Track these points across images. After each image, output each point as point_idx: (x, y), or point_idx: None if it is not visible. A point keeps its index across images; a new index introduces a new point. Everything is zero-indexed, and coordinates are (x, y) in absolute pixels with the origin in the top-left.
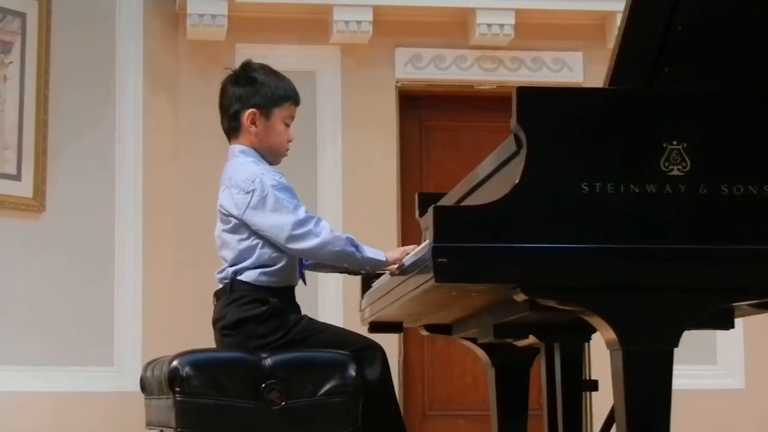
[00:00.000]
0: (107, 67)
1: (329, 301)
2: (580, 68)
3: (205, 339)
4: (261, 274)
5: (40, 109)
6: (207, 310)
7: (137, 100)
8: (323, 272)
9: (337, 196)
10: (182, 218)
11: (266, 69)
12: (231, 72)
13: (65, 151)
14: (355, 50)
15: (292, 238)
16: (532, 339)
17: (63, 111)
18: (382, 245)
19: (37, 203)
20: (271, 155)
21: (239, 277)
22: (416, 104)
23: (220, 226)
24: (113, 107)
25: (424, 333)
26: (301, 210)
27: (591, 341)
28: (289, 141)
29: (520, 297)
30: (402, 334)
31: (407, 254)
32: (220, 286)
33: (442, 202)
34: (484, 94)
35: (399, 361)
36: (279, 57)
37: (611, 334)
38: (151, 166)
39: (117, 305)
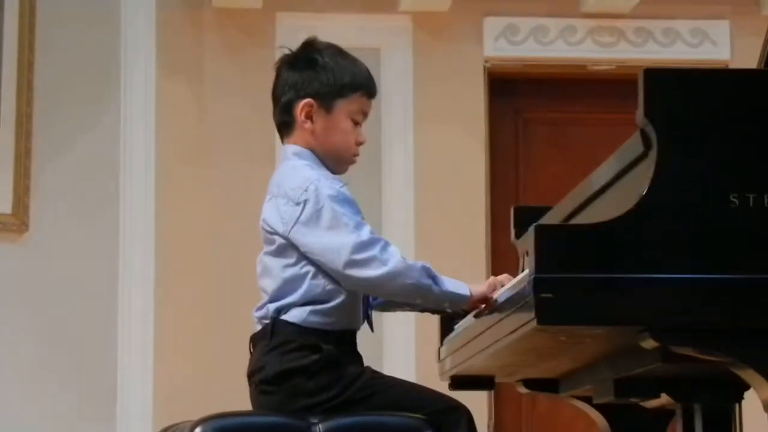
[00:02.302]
0: (109, 45)
1: (398, 348)
2: (727, 42)
3: (238, 398)
4: (312, 312)
5: (22, 98)
6: (241, 359)
7: (148, 88)
8: (391, 311)
9: (407, 212)
10: (207, 240)
11: (334, 50)
12: (288, 52)
13: (55, 154)
14: (431, 21)
15: (351, 264)
16: (664, 399)
17: (52, 101)
18: (467, 276)
19: (17, 221)
20: (332, 159)
21: (283, 317)
22: (511, 90)
23: (264, 247)
24: (117, 96)
25: (523, 390)
26: (365, 230)
27: (743, 401)
28: (359, 143)
29: (650, 344)
30: (493, 391)
31: (498, 288)
32: (259, 327)
33: (546, 219)
34: (600, 77)
35: (489, 427)
36: (333, 30)
37: None
38: (166, 173)
39: (121, 354)
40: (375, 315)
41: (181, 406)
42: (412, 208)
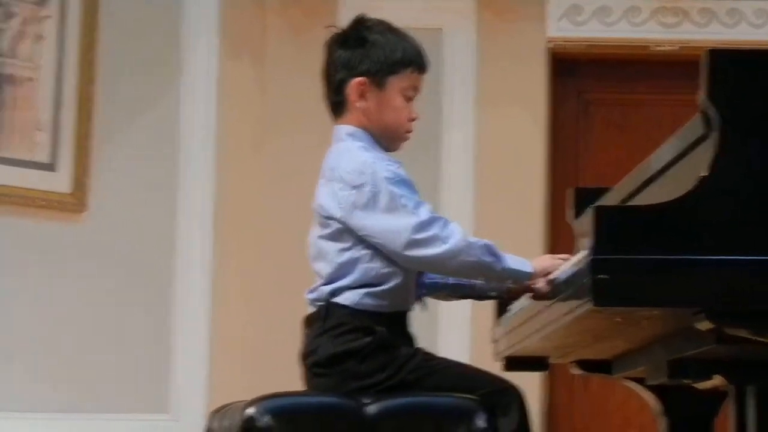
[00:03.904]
0: (171, 25)
1: (453, 329)
2: None
3: (291, 379)
4: (366, 295)
5: (84, 78)
6: (294, 341)
7: (210, 69)
8: (442, 299)
9: (466, 194)
10: (265, 224)
11: (384, 26)
12: (338, 30)
13: (115, 135)
14: (494, 1)
15: (412, 243)
16: (718, 380)
17: (113, 82)
18: (525, 256)
19: (76, 201)
20: (386, 138)
21: (337, 299)
22: (573, 71)
23: (316, 230)
24: (178, 77)
25: (577, 371)
26: (424, 209)
27: None
28: (412, 120)
29: (705, 325)
30: (546, 373)
31: (560, 264)
32: (312, 309)
33: (605, 200)
34: (663, 58)
35: (542, 409)
36: (395, 10)
37: None
38: (226, 155)
39: (176, 335)
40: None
41: (235, 386)
42: (471, 190)
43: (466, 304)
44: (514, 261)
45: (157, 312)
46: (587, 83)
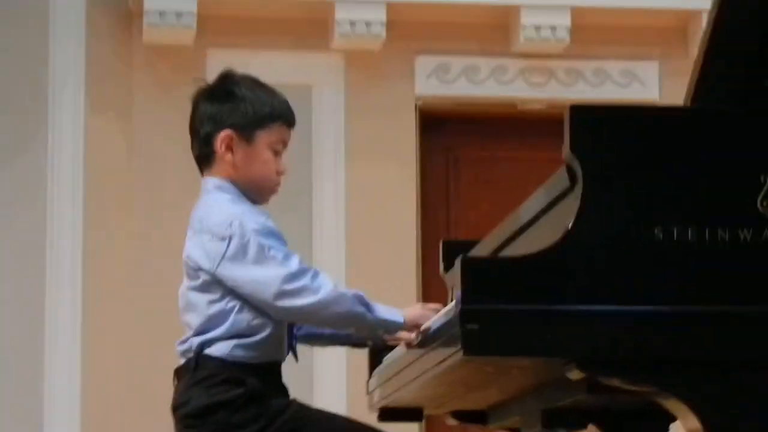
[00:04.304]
0: (37, 79)
1: (329, 381)
2: (655, 82)
3: (161, 429)
4: (236, 347)
5: None
6: (165, 393)
7: (77, 124)
8: (318, 345)
9: (338, 247)
10: (134, 279)
11: (251, 81)
12: (205, 84)
13: None
14: (363, 58)
15: (282, 294)
16: (592, 430)
17: None
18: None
19: None
20: (254, 191)
21: (207, 351)
22: (442, 128)
23: (186, 282)
24: (45, 133)
25: (452, 422)
26: (294, 260)
27: None
28: (280, 173)
29: (576, 374)
30: (425, 426)
31: (431, 314)
32: (182, 361)
33: (475, 252)
34: (530, 116)
35: None
36: (264, 66)
37: (695, 423)
38: (94, 212)
39: (48, 390)
40: (306, 347)
41: None
42: (343, 244)
43: (342, 355)
44: (385, 311)
45: (28, 368)
46: (456, 140)
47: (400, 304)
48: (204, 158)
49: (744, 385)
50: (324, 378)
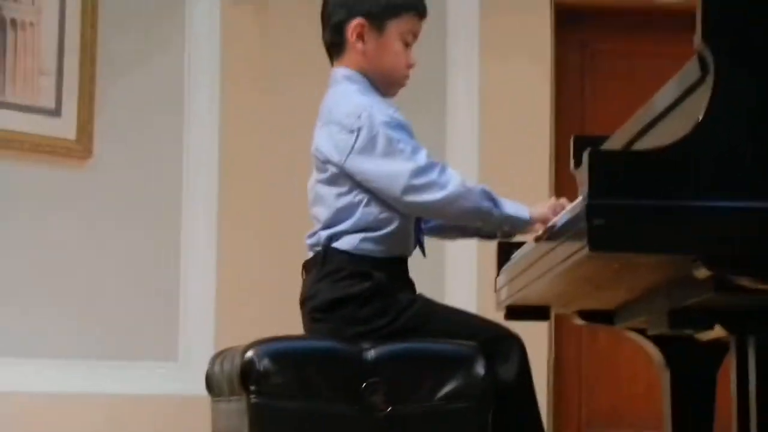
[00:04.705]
0: None
1: (460, 278)
2: None
3: (293, 324)
4: (364, 240)
5: (87, 22)
6: (296, 286)
7: (213, 12)
8: (446, 239)
9: (471, 143)
10: (270, 168)
11: None
12: None
13: (120, 81)
14: None
15: (410, 189)
16: (719, 331)
17: (117, 26)
18: (531, 204)
19: (81, 147)
20: (384, 82)
21: (335, 244)
22: (578, 22)
23: (314, 175)
24: (182, 23)
25: (579, 322)
26: (422, 154)
27: None
28: (410, 66)
29: (702, 273)
30: (554, 326)
31: (559, 210)
32: (311, 254)
33: (606, 146)
34: (668, 10)
35: (549, 362)
36: None
37: None
38: (231, 98)
39: (184, 282)
40: (437, 244)
41: (242, 333)
42: (477, 140)
43: (473, 251)
44: (512, 207)
45: (165, 258)
46: (592, 34)
47: (532, 201)
48: (335, 47)
49: None
50: (455, 274)
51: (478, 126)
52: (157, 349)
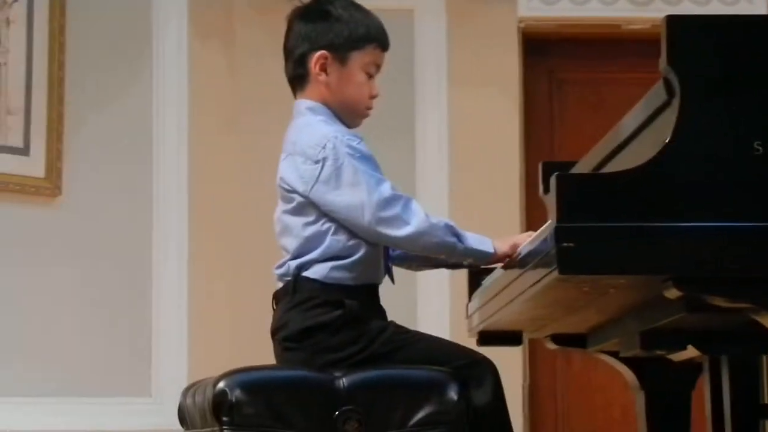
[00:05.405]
0: (141, 9)
1: (432, 304)
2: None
3: (266, 355)
4: (333, 268)
5: (54, 62)
6: (266, 317)
7: (180, 47)
8: (412, 269)
9: (441, 174)
10: (239, 202)
11: (346, 1)
12: (300, 4)
13: (88, 118)
14: None
15: (374, 221)
16: (691, 351)
17: (84, 66)
18: (502, 235)
19: (50, 185)
20: (347, 113)
21: (305, 273)
22: (545, 51)
23: (280, 206)
24: (150, 60)
25: (552, 346)
26: (386, 186)
27: None
28: (373, 96)
29: (673, 293)
30: (528, 352)
31: (522, 241)
32: (281, 285)
33: (575, 170)
34: (634, 36)
35: (524, 387)
36: None
37: None
38: (200, 134)
39: (156, 318)
40: (408, 272)
41: (215, 365)
42: (446, 171)
43: (444, 278)
44: (476, 241)
45: (136, 294)
46: (559, 63)
47: (503, 231)
48: (297, 79)
49: None
50: (427, 301)
51: (447, 155)
52: (131, 385)
